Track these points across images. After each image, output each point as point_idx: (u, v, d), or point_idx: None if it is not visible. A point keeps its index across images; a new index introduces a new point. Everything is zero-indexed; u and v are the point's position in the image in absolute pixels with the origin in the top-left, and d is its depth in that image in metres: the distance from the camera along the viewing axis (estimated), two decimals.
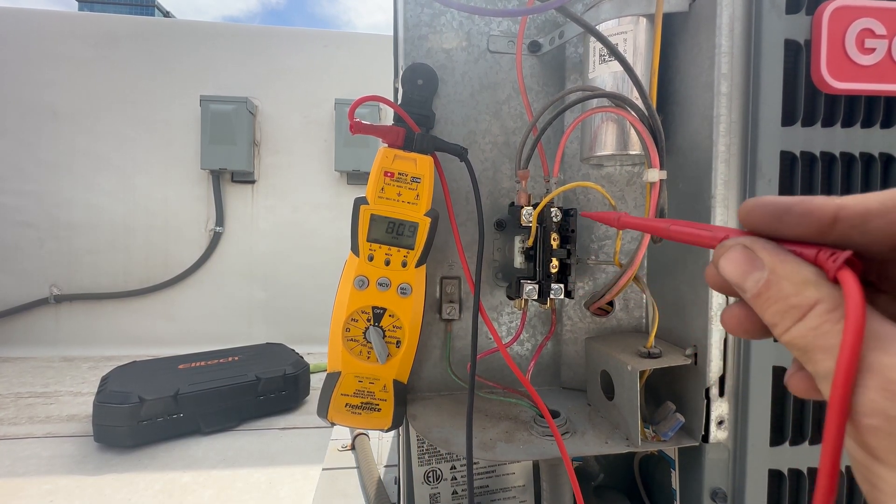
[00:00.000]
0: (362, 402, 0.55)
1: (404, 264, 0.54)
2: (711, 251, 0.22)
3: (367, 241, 0.53)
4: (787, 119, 0.49)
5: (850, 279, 0.17)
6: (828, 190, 0.51)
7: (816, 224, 0.19)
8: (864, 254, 0.19)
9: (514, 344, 0.63)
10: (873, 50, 0.47)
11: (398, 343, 0.55)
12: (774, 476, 0.51)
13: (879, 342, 0.16)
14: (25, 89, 2.94)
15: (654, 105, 0.50)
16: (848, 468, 0.50)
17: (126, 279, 3.05)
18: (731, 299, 0.48)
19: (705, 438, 0.50)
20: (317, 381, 2.27)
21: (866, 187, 0.51)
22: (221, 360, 2.15)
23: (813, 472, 0.52)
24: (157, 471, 1.61)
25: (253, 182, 3.15)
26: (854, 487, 0.52)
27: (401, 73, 0.57)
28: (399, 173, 0.53)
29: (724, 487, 0.52)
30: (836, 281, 0.17)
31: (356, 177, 3.17)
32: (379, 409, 0.56)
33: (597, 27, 0.51)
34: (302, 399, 2.16)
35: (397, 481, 0.74)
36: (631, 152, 0.52)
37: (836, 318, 0.17)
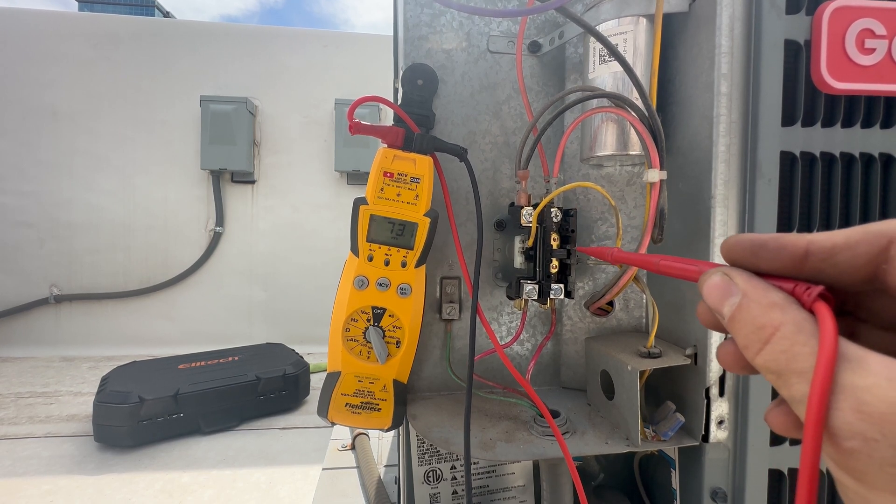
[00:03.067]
0: (362, 402, 0.55)
1: (404, 264, 0.54)
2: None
3: (367, 241, 0.53)
4: (787, 119, 0.49)
5: (823, 307, 0.18)
6: (828, 190, 0.51)
7: (790, 258, 0.20)
8: (838, 286, 0.20)
9: (514, 344, 0.63)
10: (873, 50, 0.47)
11: (398, 343, 0.55)
12: (774, 476, 0.51)
13: (851, 364, 0.16)
14: (25, 89, 2.94)
15: (654, 105, 0.50)
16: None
17: (126, 279, 3.05)
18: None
19: (705, 438, 0.50)
20: (317, 381, 2.27)
21: (866, 187, 0.51)
22: (221, 360, 2.15)
23: None
24: (157, 471, 1.61)
25: (253, 182, 3.15)
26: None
27: (401, 73, 0.57)
28: (398, 173, 0.53)
29: (725, 487, 0.52)
30: (811, 312, 0.18)
31: (356, 177, 3.17)
32: (379, 409, 0.56)
33: (597, 27, 0.51)
34: (302, 399, 2.16)
35: (397, 481, 0.74)
36: (631, 152, 0.52)
37: (803, 341, 0.17)
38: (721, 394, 0.50)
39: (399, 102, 0.57)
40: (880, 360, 0.16)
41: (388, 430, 0.57)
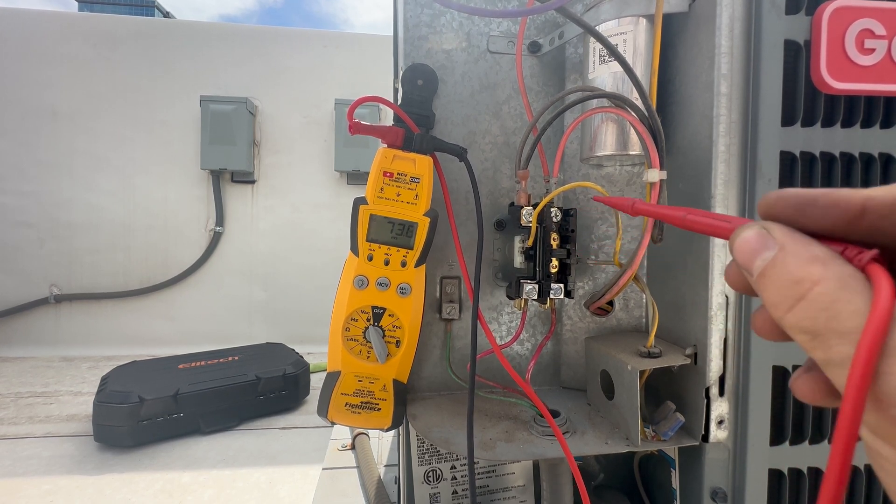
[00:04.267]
0: (362, 402, 0.55)
1: (404, 264, 0.54)
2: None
3: (367, 241, 0.53)
4: (787, 119, 0.49)
5: (879, 271, 0.16)
6: None
7: (843, 216, 0.18)
8: (893, 246, 0.18)
9: (514, 344, 0.63)
10: (873, 50, 0.47)
11: (398, 343, 0.55)
12: (774, 476, 0.51)
13: None
14: (25, 89, 2.94)
15: (653, 105, 0.50)
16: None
17: (126, 279, 3.05)
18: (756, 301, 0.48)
19: (705, 438, 0.50)
20: (317, 381, 2.27)
21: (866, 187, 0.51)
22: (221, 360, 2.15)
23: (813, 471, 0.52)
24: (157, 471, 1.61)
25: (253, 182, 3.15)
26: (856, 486, 0.52)
27: (401, 73, 0.57)
28: (398, 173, 0.53)
29: (724, 487, 0.52)
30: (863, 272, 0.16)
31: (356, 177, 3.17)
32: (379, 409, 0.56)
33: (597, 28, 0.51)
34: (302, 399, 2.16)
35: (397, 481, 0.74)
36: (631, 152, 0.52)
37: (847, 298, 0.15)
38: (721, 394, 0.50)
39: (399, 102, 0.57)
40: None
41: (387, 430, 0.57)
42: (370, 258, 0.54)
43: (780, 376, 0.50)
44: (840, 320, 0.15)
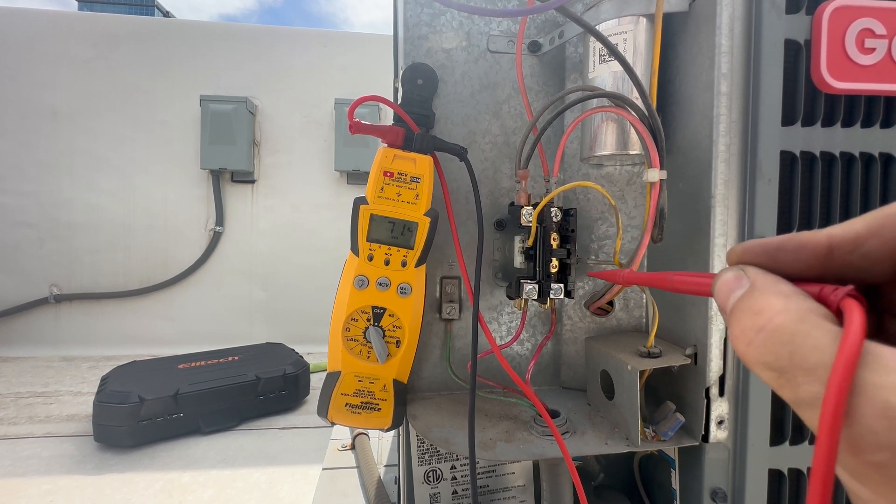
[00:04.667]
0: (362, 402, 0.55)
1: (404, 264, 0.54)
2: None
3: (367, 240, 0.53)
4: (787, 119, 0.49)
5: (852, 305, 0.15)
6: (828, 189, 0.51)
7: (813, 256, 0.18)
8: (872, 279, 0.18)
9: (514, 344, 0.63)
10: (873, 50, 0.47)
11: (398, 343, 0.55)
12: (774, 476, 0.51)
13: (874, 359, 0.14)
14: (25, 89, 2.94)
15: (654, 105, 0.50)
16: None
17: (126, 279, 3.05)
18: None
19: (705, 438, 0.50)
20: (317, 381, 2.27)
21: (866, 187, 0.51)
22: (221, 360, 2.15)
23: None
24: (157, 471, 1.61)
25: (253, 182, 3.15)
26: None
27: (401, 72, 0.57)
28: (398, 173, 0.53)
29: (724, 487, 0.52)
30: (839, 313, 0.16)
31: (356, 177, 3.17)
32: (379, 409, 0.56)
33: (597, 27, 0.51)
34: (302, 399, 2.16)
35: (397, 481, 0.74)
36: (631, 152, 0.52)
37: (806, 332, 0.15)
38: (721, 394, 0.50)
39: (399, 102, 0.57)
40: (894, 353, 0.14)
41: (387, 430, 0.57)
42: (370, 258, 0.53)
43: None
44: (803, 355, 0.15)
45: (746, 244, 0.20)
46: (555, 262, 0.50)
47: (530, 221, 0.51)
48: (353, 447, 1.42)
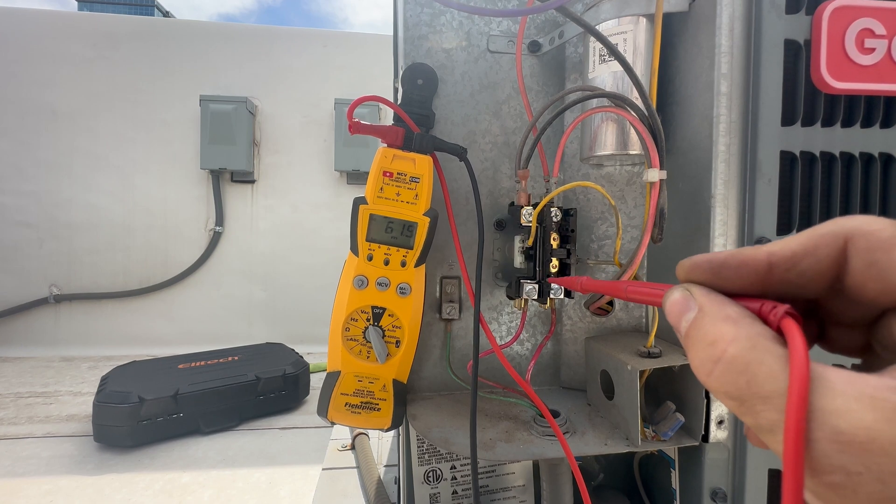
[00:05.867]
0: (362, 402, 0.55)
1: (403, 264, 0.54)
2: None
3: (367, 240, 0.53)
4: (787, 119, 0.49)
5: (791, 325, 0.16)
6: (827, 190, 0.51)
7: (754, 274, 0.19)
8: (810, 294, 0.19)
9: (514, 344, 0.63)
10: (873, 50, 0.47)
11: (398, 343, 0.55)
12: (774, 476, 0.51)
13: (822, 384, 0.15)
14: (25, 89, 2.94)
15: (654, 105, 0.50)
16: None
17: (126, 279, 3.05)
18: None
19: (705, 438, 0.50)
20: (317, 381, 2.27)
21: (866, 187, 0.51)
22: (221, 360, 2.15)
23: None
24: (157, 471, 1.61)
25: (253, 182, 3.15)
26: None
27: (400, 72, 0.57)
28: (398, 173, 0.53)
29: (724, 487, 0.52)
30: (779, 332, 0.17)
31: (356, 176, 3.17)
32: (379, 409, 0.56)
33: (597, 27, 0.51)
34: (302, 399, 2.16)
35: (397, 481, 0.74)
36: (631, 152, 0.52)
37: (759, 360, 0.16)
38: None
39: (399, 102, 0.57)
40: (843, 377, 0.15)
41: (387, 430, 0.57)
42: (370, 258, 0.53)
43: None
44: (758, 384, 0.16)
45: (694, 259, 0.20)
46: (555, 262, 0.50)
47: (530, 221, 0.51)
48: (353, 447, 1.42)
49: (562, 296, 0.51)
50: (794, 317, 0.17)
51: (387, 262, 0.54)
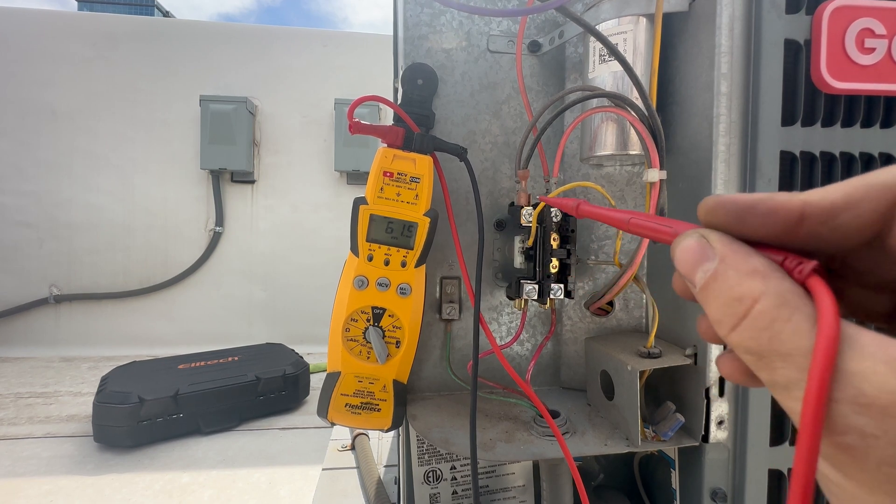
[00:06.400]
0: (362, 402, 0.55)
1: (404, 264, 0.54)
2: None
3: (367, 241, 0.53)
4: (787, 119, 0.49)
5: (819, 283, 0.15)
6: None
7: (782, 223, 0.17)
8: (838, 251, 0.18)
9: (514, 344, 0.63)
10: (873, 50, 0.47)
11: (398, 343, 0.55)
12: (774, 476, 0.51)
13: (851, 345, 0.14)
14: (25, 89, 2.94)
15: (653, 105, 0.50)
16: None
17: (126, 279, 3.05)
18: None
19: (705, 438, 0.50)
20: (317, 381, 2.27)
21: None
22: (221, 360, 2.15)
23: None
24: (156, 471, 1.61)
25: (253, 182, 3.15)
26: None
27: (400, 72, 0.57)
28: (398, 173, 0.53)
29: (724, 487, 0.52)
30: (804, 287, 0.16)
31: (356, 177, 3.17)
32: (379, 409, 0.56)
33: (597, 27, 0.51)
34: (302, 399, 2.16)
35: (397, 481, 0.74)
36: (631, 152, 0.52)
37: (786, 317, 0.15)
38: (721, 394, 0.50)
39: (399, 102, 0.57)
40: (875, 340, 0.14)
41: (387, 431, 0.57)
42: (370, 258, 0.53)
43: None
44: (781, 340, 0.15)
45: (721, 198, 0.19)
46: (555, 262, 0.50)
47: (530, 222, 0.51)
48: (353, 447, 1.42)
49: (562, 296, 0.51)
50: (821, 274, 0.16)
51: (387, 263, 0.54)
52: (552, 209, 0.50)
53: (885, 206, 0.16)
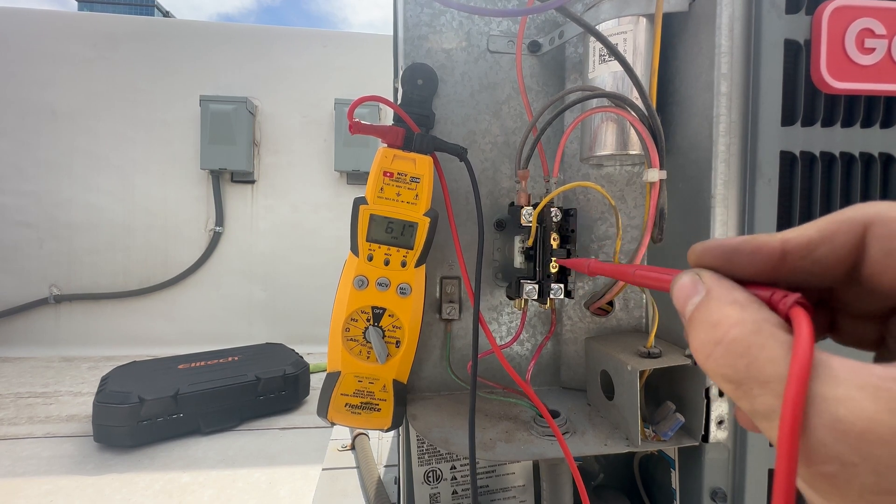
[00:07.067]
0: (362, 402, 0.55)
1: (404, 264, 0.54)
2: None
3: (367, 241, 0.53)
4: (787, 119, 0.49)
5: (800, 316, 0.16)
6: (827, 190, 0.51)
7: (767, 260, 0.18)
8: (823, 283, 0.19)
9: (514, 344, 0.63)
10: (873, 50, 0.47)
11: (398, 343, 0.55)
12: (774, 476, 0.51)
13: (825, 371, 0.14)
14: (25, 89, 2.94)
15: (654, 105, 0.50)
16: None
17: (126, 279, 3.05)
18: None
19: (705, 438, 0.50)
20: (317, 381, 2.27)
21: (866, 187, 0.51)
22: (221, 360, 2.15)
23: None
24: (156, 471, 1.61)
25: (253, 182, 3.15)
26: None
27: (400, 73, 0.57)
28: (398, 173, 0.53)
29: (724, 487, 0.52)
30: (788, 320, 0.16)
31: (356, 177, 3.17)
32: (379, 409, 0.56)
33: (597, 27, 0.51)
34: (302, 399, 2.16)
35: (397, 481, 0.74)
36: (631, 152, 0.52)
37: (761, 344, 0.15)
38: (721, 394, 0.50)
39: (399, 102, 0.57)
40: (848, 366, 0.14)
41: (387, 431, 0.57)
42: (370, 258, 0.53)
43: None
44: (758, 368, 0.15)
45: (707, 244, 0.20)
46: (555, 262, 0.50)
47: (530, 221, 0.51)
48: (353, 447, 1.42)
49: (562, 296, 0.51)
50: (805, 306, 0.17)
51: (387, 263, 0.54)
52: (552, 209, 0.50)
53: (855, 239, 0.17)
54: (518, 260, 0.58)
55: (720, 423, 0.50)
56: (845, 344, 0.21)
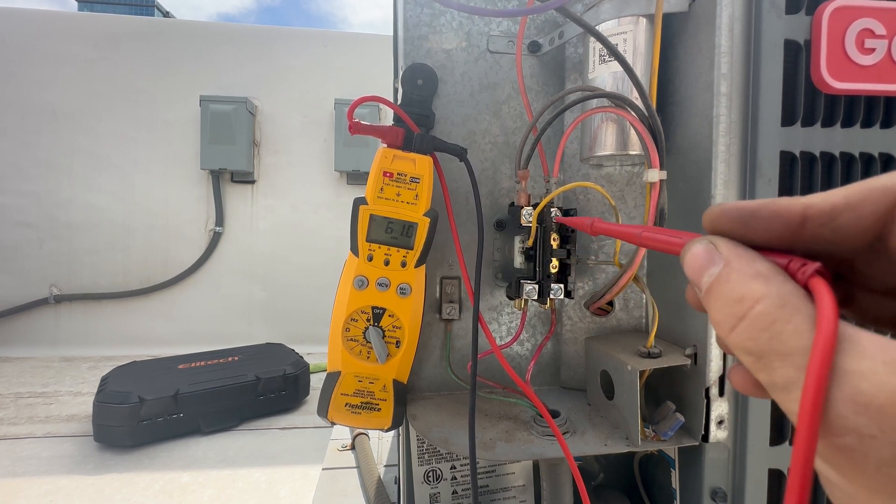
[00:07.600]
0: (362, 402, 0.55)
1: (404, 264, 0.54)
2: None
3: (367, 241, 0.53)
4: (787, 119, 0.49)
5: (820, 283, 0.16)
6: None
7: (786, 226, 0.18)
8: (840, 253, 0.18)
9: (514, 344, 0.63)
10: (873, 50, 0.47)
11: (398, 343, 0.55)
12: (774, 476, 0.51)
13: (843, 344, 0.14)
14: (25, 89, 2.94)
15: (653, 105, 0.50)
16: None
17: (126, 279, 3.05)
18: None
19: (705, 438, 0.50)
20: (317, 381, 2.27)
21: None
22: (221, 360, 2.15)
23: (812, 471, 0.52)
24: (157, 471, 1.61)
25: (253, 182, 3.15)
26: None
27: (400, 73, 0.57)
28: (398, 173, 0.53)
29: (724, 487, 0.52)
30: (806, 289, 0.16)
31: (356, 177, 3.17)
32: (379, 409, 0.56)
33: (597, 27, 0.51)
34: (302, 399, 2.16)
35: (397, 481, 0.74)
36: (631, 152, 0.52)
37: (786, 318, 0.15)
38: (721, 394, 0.50)
39: (399, 102, 0.57)
40: (874, 340, 0.14)
41: (387, 431, 0.57)
42: (370, 258, 0.53)
43: None
44: (781, 341, 0.15)
45: (724, 206, 0.19)
46: (555, 262, 0.50)
47: (530, 222, 0.51)
48: (353, 447, 1.42)
49: (562, 296, 0.51)
50: (824, 275, 0.16)
51: (387, 263, 0.54)
52: (552, 209, 0.50)
53: (885, 208, 0.16)
54: (518, 260, 0.58)
55: (720, 422, 0.50)
56: (862, 320, 0.20)
